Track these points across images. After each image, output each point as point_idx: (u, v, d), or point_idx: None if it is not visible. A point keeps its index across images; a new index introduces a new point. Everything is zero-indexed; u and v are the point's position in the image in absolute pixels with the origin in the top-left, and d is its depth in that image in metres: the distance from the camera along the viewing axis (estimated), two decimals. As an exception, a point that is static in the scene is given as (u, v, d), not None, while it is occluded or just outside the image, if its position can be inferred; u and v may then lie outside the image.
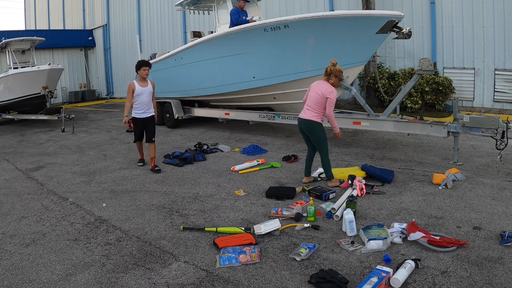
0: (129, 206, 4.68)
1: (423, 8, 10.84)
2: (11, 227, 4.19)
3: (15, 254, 3.54)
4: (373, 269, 2.93)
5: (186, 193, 5.08)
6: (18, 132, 11.40)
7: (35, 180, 6.07)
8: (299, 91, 7.78)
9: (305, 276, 2.98)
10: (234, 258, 3.22)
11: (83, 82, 21.95)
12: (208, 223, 4.06)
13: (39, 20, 29.39)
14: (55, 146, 8.88)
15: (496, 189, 4.69)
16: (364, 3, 11.03)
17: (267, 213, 4.24)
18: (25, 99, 12.26)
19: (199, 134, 9.48)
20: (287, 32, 7.09)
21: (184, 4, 9.94)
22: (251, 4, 9.79)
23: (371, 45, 6.82)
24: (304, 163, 5.38)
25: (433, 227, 3.71)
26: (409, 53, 11.19)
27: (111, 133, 10.35)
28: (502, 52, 9.69)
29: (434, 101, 10.20)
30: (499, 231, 3.50)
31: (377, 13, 6.73)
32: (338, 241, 3.49)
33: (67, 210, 4.64)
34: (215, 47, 8.46)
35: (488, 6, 9.73)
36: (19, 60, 13.31)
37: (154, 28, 18.82)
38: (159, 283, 2.98)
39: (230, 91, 8.77)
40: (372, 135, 8.05)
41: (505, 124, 5.15)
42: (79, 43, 21.94)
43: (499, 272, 2.90)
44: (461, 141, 6.49)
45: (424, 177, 5.25)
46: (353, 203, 4.06)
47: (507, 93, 9.74)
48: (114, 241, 3.73)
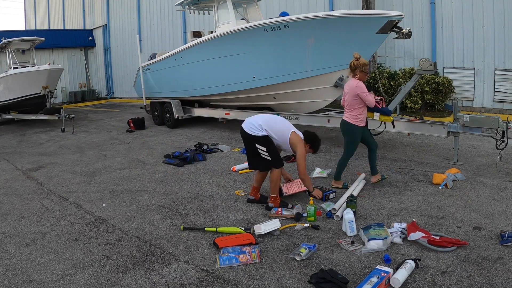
0: (129, 206, 4.68)
1: (423, 8, 10.84)
2: (11, 227, 4.19)
3: (15, 254, 3.54)
4: (373, 269, 2.93)
5: (186, 193, 5.08)
6: (18, 132, 11.40)
7: (35, 180, 6.07)
8: (299, 91, 7.79)
9: (305, 276, 2.98)
10: (234, 258, 3.22)
11: (83, 82, 21.95)
12: (208, 223, 4.06)
13: (39, 20, 29.39)
14: (55, 146, 8.88)
15: (496, 189, 4.69)
16: (364, 3, 11.03)
17: (267, 213, 4.24)
18: (25, 99, 12.26)
19: (199, 134, 9.48)
20: (287, 32, 7.10)
21: (184, 4, 9.94)
22: (251, 4, 9.80)
23: (371, 45, 6.82)
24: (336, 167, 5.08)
25: (433, 227, 3.71)
26: (409, 53, 11.19)
27: (111, 133, 10.35)
28: (502, 52, 9.69)
29: (434, 101, 10.20)
30: (499, 231, 3.50)
31: (377, 13, 6.74)
32: (338, 241, 3.49)
33: (67, 210, 4.64)
34: (215, 47, 8.46)
35: (488, 6, 9.73)
36: (19, 60, 13.32)
37: (154, 28, 18.82)
38: (159, 283, 2.98)
39: (230, 91, 8.77)
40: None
41: (505, 124, 5.15)
42: (79, 43, 21.94)
43: (499, 272, 2.90)
44: (461, 141, 6.49)
45: (424, 177, 5.25)
46: (353, 203, 4.06)
47: (507, 93, 9.74)
48: (114, 241, 3.73)
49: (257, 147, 4.28)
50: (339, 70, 7.13)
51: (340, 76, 7.19)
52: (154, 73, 11.06)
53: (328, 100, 7.81)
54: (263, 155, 4.28)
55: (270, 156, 4.27)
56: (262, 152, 4.28)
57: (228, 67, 8.41)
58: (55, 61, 19.03)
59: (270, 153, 4.27)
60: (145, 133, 9.96)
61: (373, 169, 5.04)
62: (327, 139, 8.00)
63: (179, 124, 10.42)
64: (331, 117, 7.37)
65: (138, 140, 9.01)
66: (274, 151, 4.32)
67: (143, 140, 8.98)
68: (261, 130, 4.29)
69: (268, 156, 4.27)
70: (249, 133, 4.32)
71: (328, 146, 7.41)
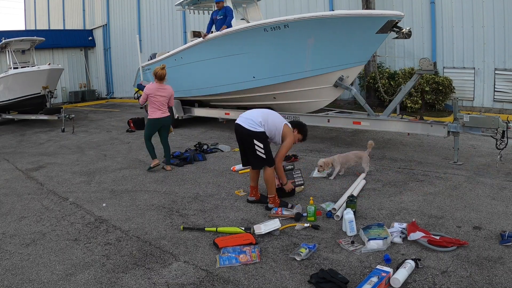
0: (129, 206, 4.68)
1: (423, 8, 10.85)
2: (11, 227, 4.19)
3: (15, 254, 3.54)
4: (373, 269, 2.92)
5: (186, 193, 5.08)
6: (18, 132, 11.40)
7: (35, 180, 6.07)
8: (299, 91, 7.79)
9: (305, 276, 2.98)
10: (234, 258, 3.22)
11: (83, 82, 21.96)
12: (208, 223, 4.06)
13: (39, 20, 29.40)
14: (55, 146, 8.88)
15: (496, 189, 4.69)
16: (364, 3, 11.03)
17: (267, 213, 4.24)
18: (25, 99, 12.27)
19: (199, 134, 9.48)
20: (287, 32, 7.09)
21: (184, 4, 9.95)
22: (251, 4, 9.80)
23: (371, 45, 6.82)
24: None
25: (433, 227, 3.71)
26: (409, 53, 11.19)
27: (111, 133, 10.36)
28: (502, 52, 9.69)
29: (434, 101, 10.20)
30: (499, 231, 3.50)
31: (377, 13, 6.73)
32: (338, 241, 3.49)
33: (67, 210, 4.64)
34: (215, 47, 8.46)
35: (488, 6, 9.73)
36: (19, 60, 13.32)
37: (154, 28, 18.83)
38: (159, 283, 2.98)
39: (230, 91, 8.77)
40: (372, 135, 8.05)
41: (505, 123, 5.14)
42: (79, 43, 21.95)
43: (499, 272, 2.90)
44: (461, 141, 6.48)
45: (424, 177, 5.25)
46: (353, 203, 4.06)
47: (507, 93, 9.74)
48: (114, 241, 3.73)
49: (254, 143, 4.27)
50: (339, 70, 7.13)
51: (340, 76, 7.19)
52: (154, 73, 11.04)
53: (328, 100, 7.81)
54: (258, 152, 4.29)
55: (265, 153, 4.29)
56: (258, 148, 4.28)
57: (228, 67, 8.41)
58: (55, 61, 19.03)
59: (266, 150, 4.29)
60: (145, 133, 9.96)
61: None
62: (327, 139, 8.00)
63: (179, 124, 10.42)
64: (331, 117, 7.37)
65: (138, 140, 9.00)
66: (268, 149, 4.35)
67: (143, 140, 8.95)
68: (260, 126, 4.31)
69: (264, 154, 4.28)
70: (249, 128, 4.31)
71: (328, 146, 7.41)
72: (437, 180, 5.11)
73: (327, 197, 4.66)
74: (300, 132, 4.58)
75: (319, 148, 7.26)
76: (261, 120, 4.34)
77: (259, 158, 4.32)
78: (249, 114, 4.48)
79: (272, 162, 4.38)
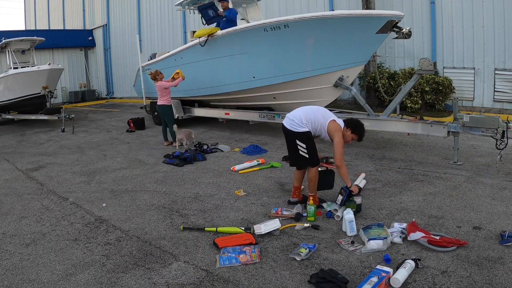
0: (129, 206, 4.68)
1: (423, 8, 10.84)
2: (11, 227, 4.19)
3: (15, 254, 3.54)
4: (373, 269, 2.93)
5: (186, 193, 5.08)
6: (18, 132, 11.40)
7: (35, 180, 6.07)
8: (299, 91, 7.78)
9: (305, 276, 2.98)
10: (234, 258, 3.22)
11: (83, 82, 21.95)
12: (208, 223, 4.06)
13: (39, 20, 29.38)
14: (55, 146, 8.88)
15: (496, 189, 4.69)
16: (364, 3, 11.03)
17: (267, 213, 4.24)
18: (25, 99, 12.26)
19: (199, 134, 9.47)
20: (287, 32, 7.09)
21: (184, 4, 9.94)
22: (251, 4, 9.80)
23: (371, 45, 6.82)
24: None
25: (433, 227, 3.71)
26: (409, 53, 11.19)
27: (111, 133, 10.35)
28: (502, 52, 9.69)
29: (434, 101, 10.20)
30: (499, 231, 3.50)
31: (377, 13, 6.73)
32: (338, 241, 3.49)
33: (67, 210, 4.64)
34: (215, 47, 8.46)
35: (488, 6, 9.73)
36: (19, 60, 13.31)
37: (154, 28, 18.82)
38: (159, 283, 2.98)
39: (230, 91, 8.77)
40: (372, 135, 8.05)
41: (505, 124, 5.14)
42: (79, 43, 21.93)
43: (499, 272, 2.90)
44: (461, 141, 6.48)
45: (424, 177, 5.25)
46: (353, 203, 4.06)
47: (507, 93, 9.74)
48: (114, 241, 3.73)
49: (297, 143, 4.23)
50: (339, 70, 7.12)
51: (340, 76, 7.19)
52: (154, 73, 11.04)
53: (328, 100, 7.80)
54: (301, 152, 4.23)
55: (308, 153, 4.22)
56: (301, 148, 4.23)
57: (228, 67, 8.41)
58: (55, 61, 19.01)
59: (309, 150, 4.22)
60: (145, 133, 9.96)
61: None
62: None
63: (179, 124, 10.38)
64: None
65: (138, 140, 9.01)
66: (313, 149, 4.27)
67: (143, 140, 8.98)
68: (302, 125, 4.23)
69: (306, 154, 4.23)
70: (290, 129, 4.28)
71: (328, 145, 7.40)
72: (437, 180, 5.12)
73: (327, 197, 4.66)
74: (354, 132, 4.24)
75: (319, 148, 7.19)
76: (303, 119, 4.24)
77: (302, 158, 4.27)
78: (292, 114, 4.39)
79: (315, 162, 4.31)
